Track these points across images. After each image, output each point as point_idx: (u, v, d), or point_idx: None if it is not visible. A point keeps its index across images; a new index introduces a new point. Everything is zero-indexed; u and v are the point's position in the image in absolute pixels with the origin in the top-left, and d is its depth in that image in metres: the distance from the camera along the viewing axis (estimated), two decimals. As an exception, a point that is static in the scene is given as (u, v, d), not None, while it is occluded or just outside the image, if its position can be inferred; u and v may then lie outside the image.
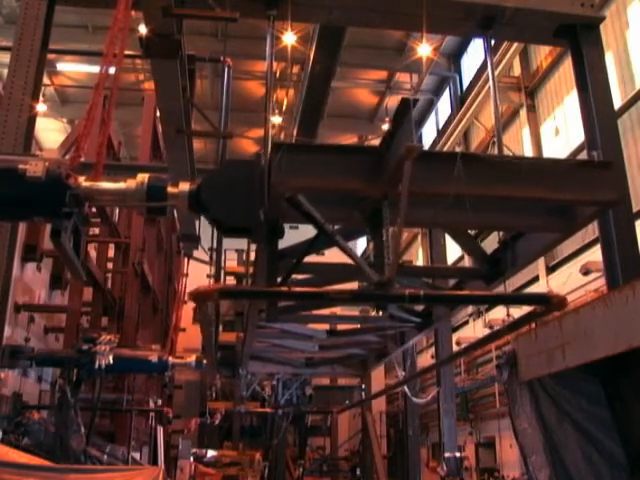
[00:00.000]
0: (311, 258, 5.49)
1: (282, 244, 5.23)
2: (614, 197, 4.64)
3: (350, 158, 4.56)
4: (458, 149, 20.49)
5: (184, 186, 4.03)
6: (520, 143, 17.12)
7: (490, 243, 7.10)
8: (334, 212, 4.89)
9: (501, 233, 6.29)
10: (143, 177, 3.97)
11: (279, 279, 5.21)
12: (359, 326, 10.25)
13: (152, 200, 3.95)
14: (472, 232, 6.51)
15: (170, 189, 4.00)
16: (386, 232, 4.51)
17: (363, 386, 20.15)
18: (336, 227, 5.13)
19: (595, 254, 11.51)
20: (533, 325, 6.64)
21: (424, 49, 19.46)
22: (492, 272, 6.23)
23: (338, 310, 11.47)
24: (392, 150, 4.34)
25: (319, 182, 4.41)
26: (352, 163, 4.49)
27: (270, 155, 4.35)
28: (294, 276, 5.54)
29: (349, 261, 4.87)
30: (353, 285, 7.93)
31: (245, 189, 4.03)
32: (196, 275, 17.46)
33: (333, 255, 6.75)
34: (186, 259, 16.87)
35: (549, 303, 4.60)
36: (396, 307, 7.79)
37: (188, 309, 21.09)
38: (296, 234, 5.41)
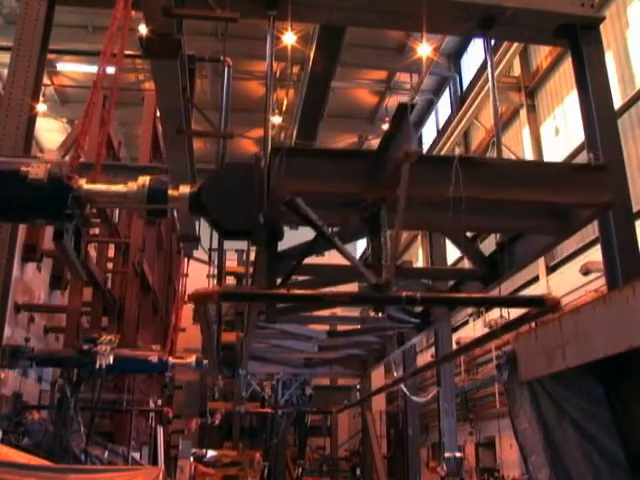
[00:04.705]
0: (311, 259, 5.49)
1: (282, 245, 5.23)
2: (611, 199, 4.65)
3: (348, 162, 4.58)
4: (458, 149, 20.49)
5: (185, 189, 4.03)
6: (520, 143, 17.12)
7: (488, 245, 7.11)
8: (333, 215, 4.90)
9: (498, 235, 6.30)
10: (144, 180, 3.96)
11: (279, 281, 5.21)
12: (359, 327, 10.27)
13: (153, 203, 3.94)
14: (470, 234, 6.52)
15: (171, 192, 4.00)
16: (384, 235, 4.52)
17: (361, 386, 20.12)
18: (335, 229, 5.13)
19: (595, 254, 11.50)
20: (533, 325, 6.65)
21: (424, 49, 19.46)
22: (490, 274, 6.25)
23: (338, 311, 11.48)
24: (390, 154, 4.36)
25: (318, 186, 4.43)
26: (350, 167, 4.51)
27: (269, 159, 4.36)
28: (294, 277, 5.55)
29: (349, 263, 4.87)
30: (354, 286, 7.93)
31: (245, 192, 4.03)
32: (196, 275, 17.47)
33: (333, 256, 6.76)
34: (186, 259, 16.86)
35: (543, 305, 4.61)
36: (395, 308, 7.81)
37: (188, 309, 21.04)
38: (296, 235, 5.41)
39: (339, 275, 6.79)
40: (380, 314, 8.28)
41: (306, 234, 5.37)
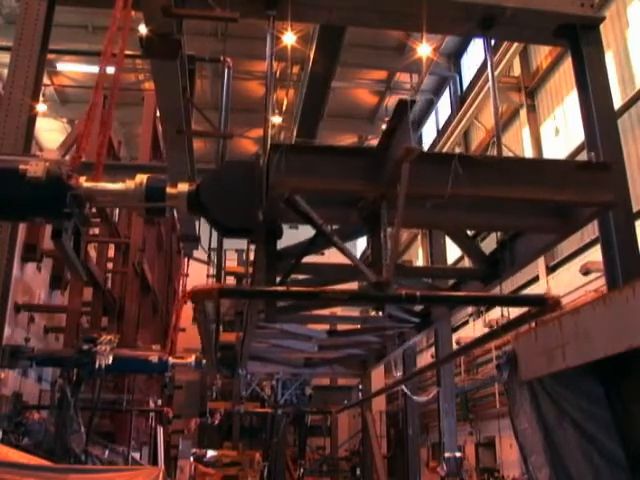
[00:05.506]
0: (311, 258, 5.49)
1: (281, 244, 5.23)
2: (612, 198, 4.64)
3: (348, 159, 4.56)
4: (458, 149, 20.49)
5: (183, 187, 4.02)
6: (520, 143, 17.11)
7: (488, 244, 7.11)
8: (332, 213, 4.89)
9: (499, 233, 6.29)
10: (142, 178, 3.95)
11: (278, 279, 5.20)
12: (359, 326, 10.26)
13: (151, 201, 3.93)
14: (470, 232, 6.51)
15: (169, 190, 3.98)
16: (384, 233, 4.51)
17: (361, 387, 20.13)
18: (335, 227, 5.13)
19: (595, 254, 11.50)
20: (533, 325, 6.64)
21: (424, 49, 19.47)
22: (490, 273, 6.23)
23: (338, 310, 11.49)
24: (390, 151, 4.34)
25: (317, 183, 4.41)
26: (350, 164, 4.49)
27: (269, 156, 4.35)
28: (295, 276, 5.53)
29: (349, 261, 4.86)
30: (354, 285, 7.93)
31: (244, 190, 4.02)
32: (196, 275, 17.47)
33: (333, 255, 6.75)
34: (186, 259, 16.87)
35: (544, 304, 4.60)
36: (395, 307, 7.80)
37: (188, 309, 20.98)
38: (296, 234, 5.41)
39: (339, 274, 6.77)
40: (380, 313, 8.31)
41: (306, 233, 5.38)
